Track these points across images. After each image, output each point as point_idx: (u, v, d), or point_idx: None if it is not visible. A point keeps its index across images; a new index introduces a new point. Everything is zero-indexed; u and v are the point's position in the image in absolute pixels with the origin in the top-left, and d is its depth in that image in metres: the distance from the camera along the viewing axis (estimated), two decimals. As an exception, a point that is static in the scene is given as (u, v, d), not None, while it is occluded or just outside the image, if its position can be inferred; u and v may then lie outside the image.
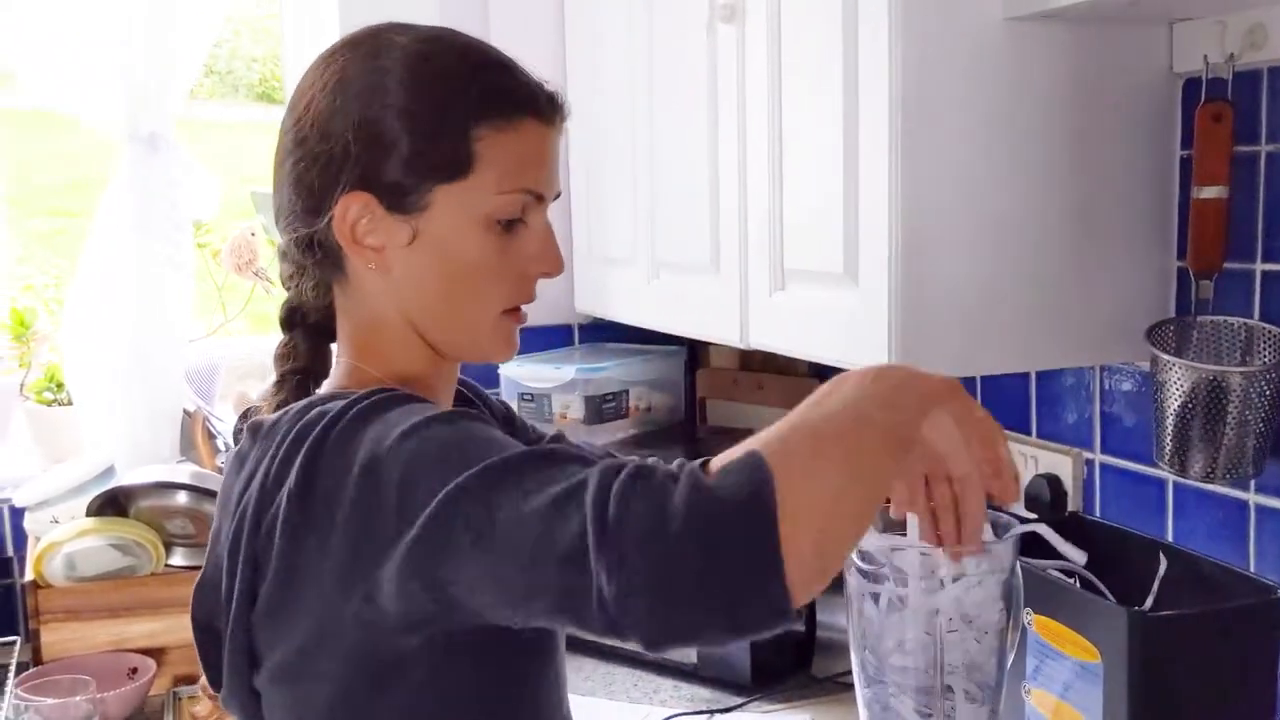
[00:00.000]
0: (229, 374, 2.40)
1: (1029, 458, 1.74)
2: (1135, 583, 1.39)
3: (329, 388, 1.07)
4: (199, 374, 2.36)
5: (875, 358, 1.42)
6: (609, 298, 2.21)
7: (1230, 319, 1.39)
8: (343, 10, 2.24)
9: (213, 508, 1.09)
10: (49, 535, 1.99)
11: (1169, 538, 1.53)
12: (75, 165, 2.71)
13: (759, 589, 0.76)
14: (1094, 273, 1.46)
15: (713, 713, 1.79)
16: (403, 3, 2.20)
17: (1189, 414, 1.34)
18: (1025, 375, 1.76)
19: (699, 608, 0.77)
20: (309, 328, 1.10)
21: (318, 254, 1.03)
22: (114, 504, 2.03)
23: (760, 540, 0.76)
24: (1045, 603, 1.32)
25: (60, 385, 2.32)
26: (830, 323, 1.52)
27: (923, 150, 1.37)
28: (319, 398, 0.99)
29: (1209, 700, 1.24)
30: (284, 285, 1.10)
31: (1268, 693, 1.26)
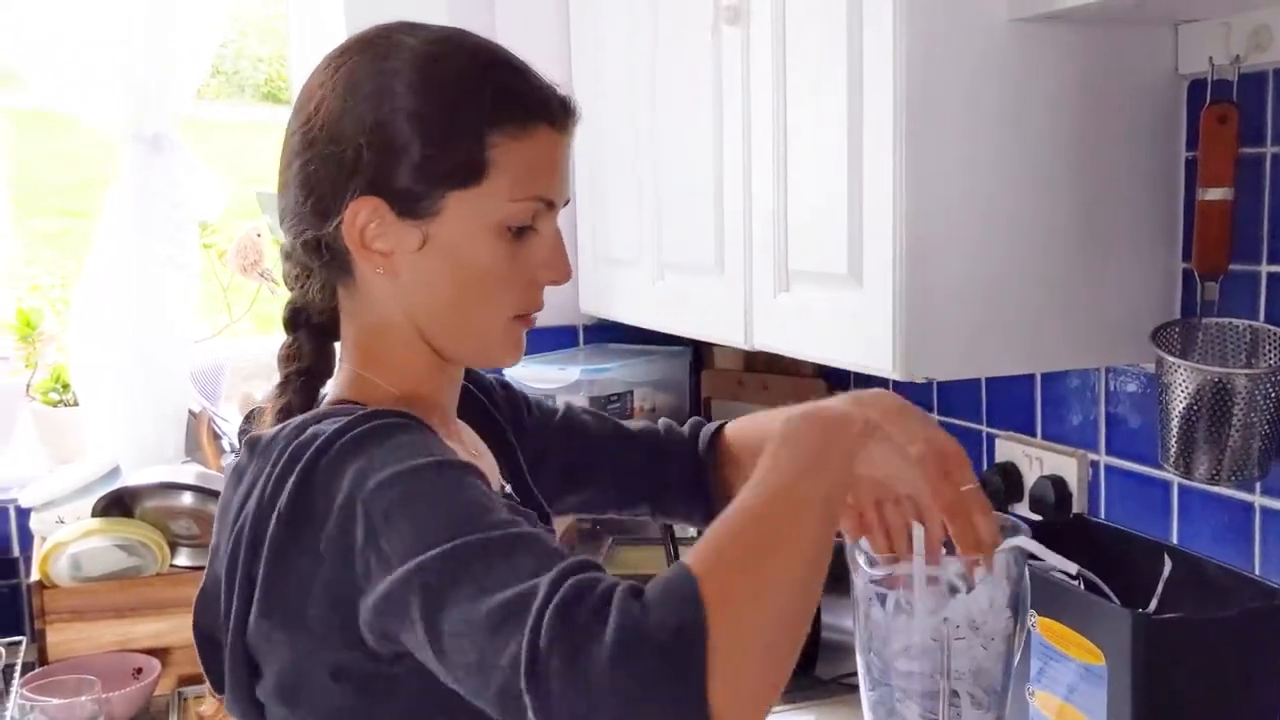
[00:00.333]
0: (234, 375, 2.41)
1: (1034, 459, 1.74)
2: (1140, 585, 1.38)
3: (330, 396, 1.06)
4: (204, 375, 2.36)
5: (879, 359, 1.42)
6: (614, 299, 2.21)
7: (1235, 321, 1.39)
8: (348, 10, 2.24)
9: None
10: (55, 536, 2.00)
11: (1174, 540, 1.53)
12: (81, 165, 2.72)
13: None
14: (1099, 274, 1.46)
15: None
16: (409, 3, 2.23)
17: (1194, 416, 1.34)
18: (1030, 376, 1.76)
19: None
20: (313, 328, 1.08)
21: (325, 256, 1.02)
22: (119, 504, 2.04)
23: (686, 683, 0.74)
24: (1049, 605, 1.31)
25: (66, 386, 2.33)
26: (835, 324, 1.52)
27: (927, 151, 1.37)
28: (314, 416, 0.97)
29: (1213, 703, 1.24)
30: (288, 285, 1.09)
31: (1272, 696, 1.26)
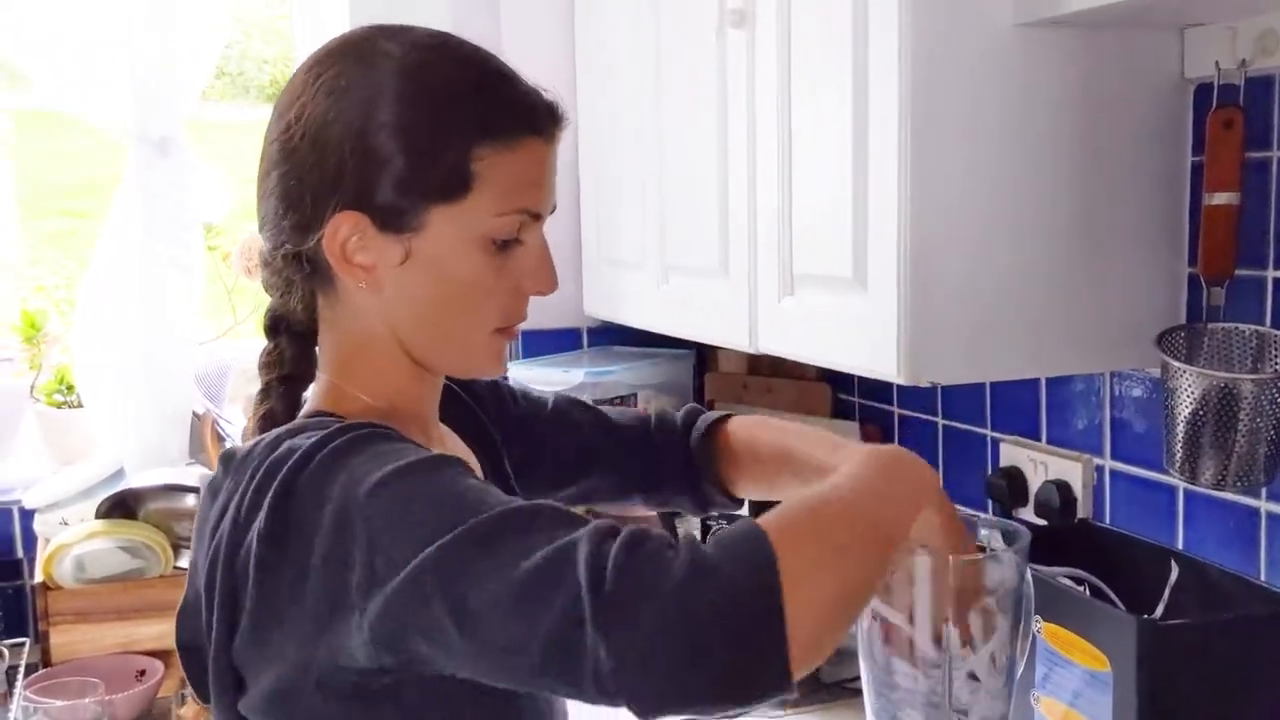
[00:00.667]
0: (239, 377, 2.40)
1: (1038, 463, 1.74)
2: (1145, 590, 1.38)
3: (307, 407, 1.04)
4: (209, 377, 2.36)
5: (884, 363, 1.41)
6: (618, 301, 2.21)
7: (1241, 326, 1.39)
8: (352, 11, 2.24)
9: None
10: (58, 537, 2.00)
11: (1179, 545, 1.52)
12: (86, 165, 2.72)
13: (763, 668, 0.76)
14: (1104, 278, 1.46)
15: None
16: (413, 4, 2.23)
17: (1200, 421, 1.33)
18: (1035, 380, 1.75)
19: (702, 683, 0.76)
20: (295, 334, 1.06)
21: (305, 269, 1.00)
22: (123, 506, 2.04)
23: (767, 622, 0.75)
24: (1054, 610, 1.31)
25: (70, 387, 2.33)
26: (839, 328, 1.51)
27: (932, 155, 1.37)
28: (288, 430, 0.95)
29: (1219, 710, 1.24)
30: (267, 291, 1.07)
31: (1277, 702, 1.26)
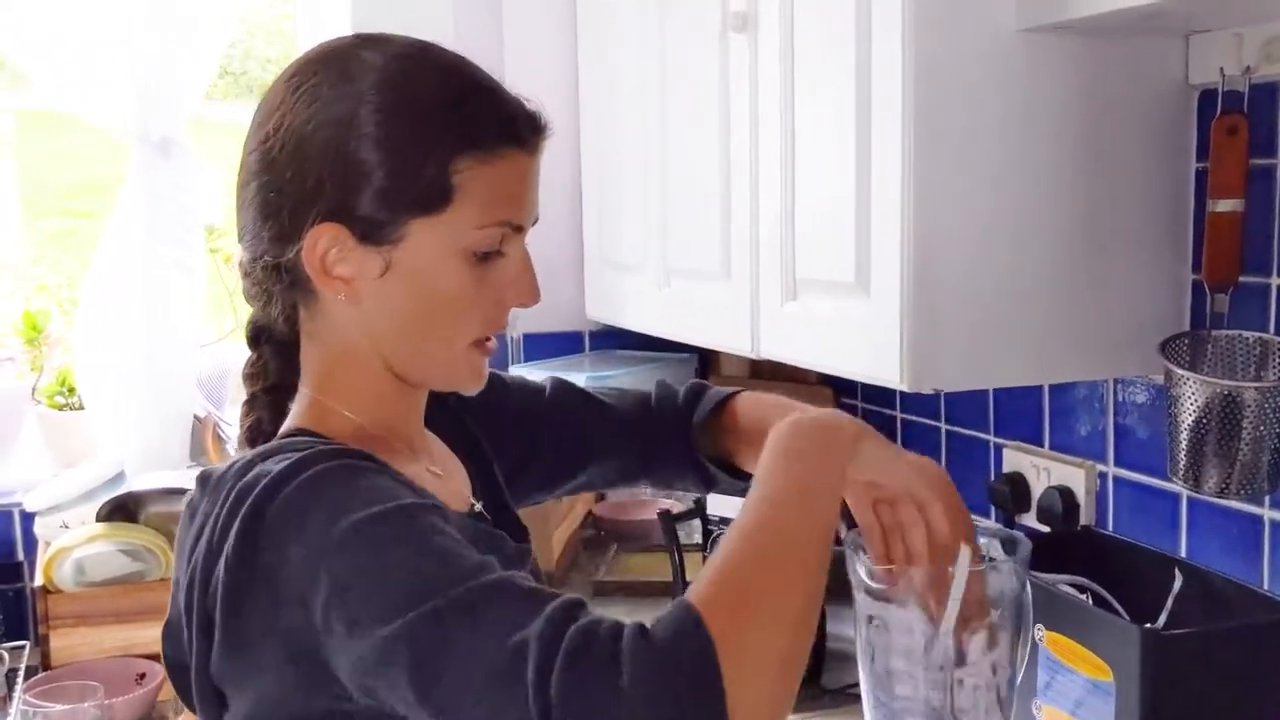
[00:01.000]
0: (240, 379, 2.40)
1: (1041, 469, 1.73)
2: (1148, 597, 1.38)
3: (288, 424, 1.03)
4: (210, 379, 2.36)
5: (887, 369, 1.41)
6: (620, 305, 2.20)
7: (1245, 333, 1.38)
8: (354, 12, 2.24)
9: None
10: (59, 540, 1.99)
11: (1183, 552, 1.52)
12: (91, 165, 2.71)
13: None
14: (1108, 285, 1.45)
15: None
16: (415, 11, 2.22)
17: (1203, 429, 1.33)
18: (1038, 386, 1.75)
19: None
20: (277, 343, 1.06)
21: (285, 280, 0.99)
22: (124, 509, 2.04)
23: (711, 708, 0.75)
24: (1056, 619, 1.30)
25: (72, 389, 2.33)
26: (842, 333, 1.51)
27: (935, 161, 1.36)
28: (261, 453, 0.94)
29: (1222, 718, 1.23)
30: (248, 301, 1.06)
31: (1281, 712, 1.25)
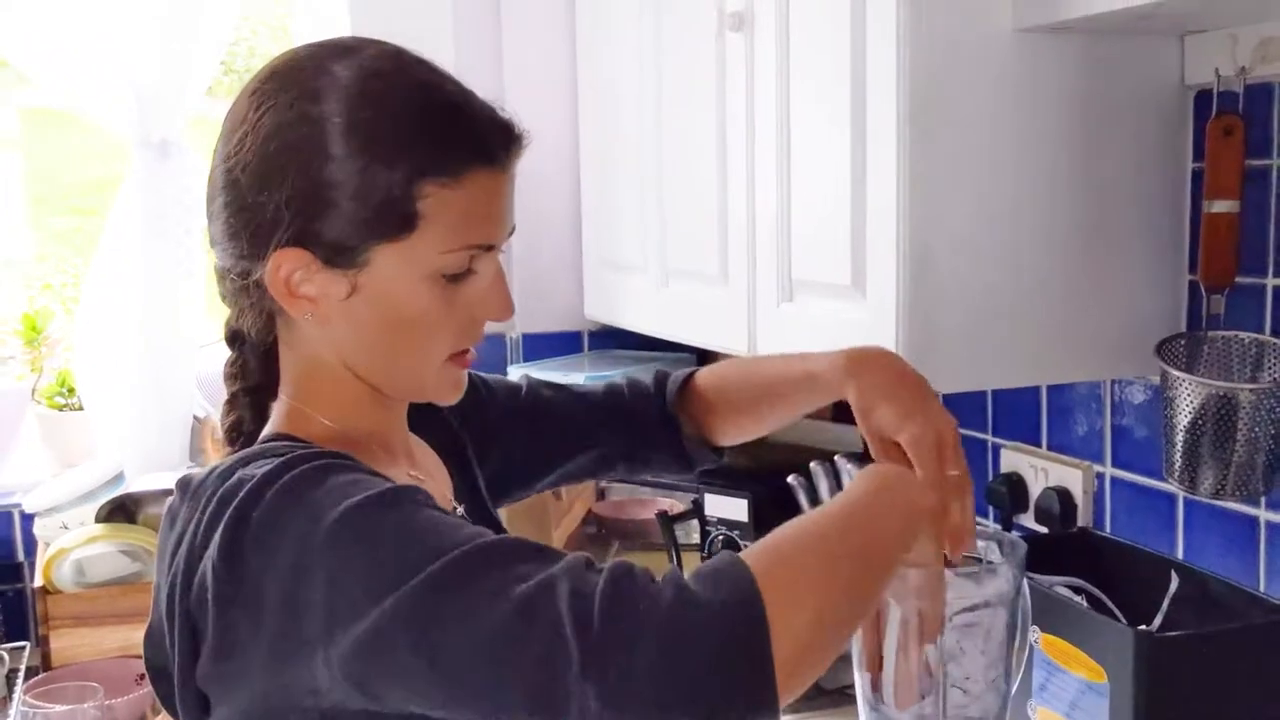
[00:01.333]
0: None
1: (1039, 470, 1.73)
2: (1144, 599, 1.38)
3: (268, 429, 1.02)
4: (210, 380, 2.36)
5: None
6: (618, 305, 2.20)
7: (1241, 334, 1.38)
8: (353, 10, 2.24)
9: None
10: (58, 541, 2.00)
11: (1179, 553, 1.52)
12: (94, 163, 2.72)
13: (753, 702, 0.76)
14: (1104, 286, 1.45)
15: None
16: (413, 12, 2.22)
17: (1199, 430, 1.33)
18: (1036, 386, 1.75)
19: (690, 717, 0.76)
20: (255, 345, 1.04)
21: (254, 296, 0.98)
22: (123, 510, 2.04)
23: (756, 658, 0.76)
24: (1052, 621, 1.30)
25: (71, 390, 2.33)
26: (838, 334, 1.50)
27: (931, 161, 1.36)
28: (242, 458, 0.93)
29: (1217, 721, 1.23)
30: (224, 302, 1.04)
31: (1277, 714, 1.25)
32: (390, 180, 0.92)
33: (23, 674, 1.93)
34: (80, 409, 2.31)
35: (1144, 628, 1.26)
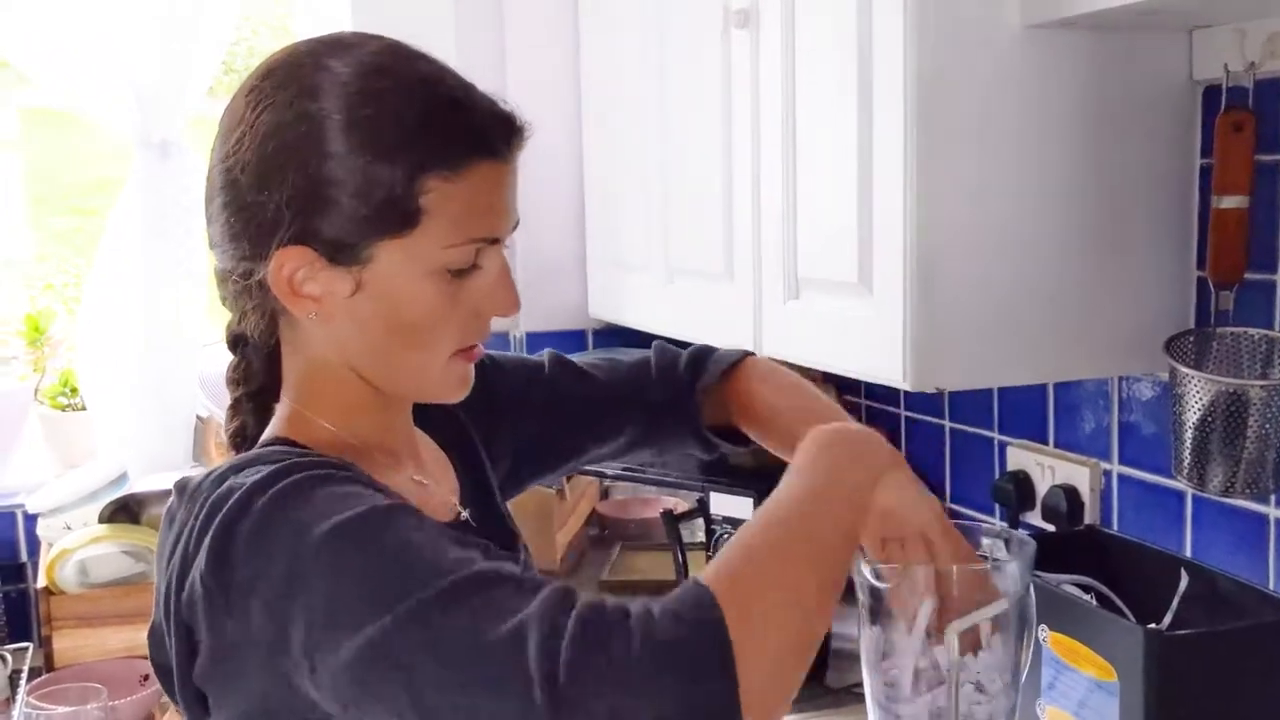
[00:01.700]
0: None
1: (1046, 468, 1.72)
2: (1152, 597, 1.37)
3: (268, 433, 1.01)
4: (212, 379, 2.35)
5: (890, 369, 1.40)
6: (623, 303, 2.20)
7: (1251, 330, 1.37)
8: (355, 9, 2.23)
9: None
10: (62, 542, 1.99)
11: (1188, 551, 1.51)
12: (101, 162, 2.71)
13: None
14: (1112, 282, 1.45)
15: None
16: (415, 4, 2.22)
17: (1208, 427, 1.32)
18: (1043, 384, 1.74)
19: None
20: (257, 348, 1.03)
21: (256, 297, 0.97)
22: (126, 511, 2.04)
23: (721, 690, 0.76)
24: (1061, 619, 1.30)
25: (74, 390, 2.33)
26: (844, 332, 1.50)
27: (938, 157, 1.35)
28: (234, 465, 0.92)
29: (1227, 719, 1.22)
30: (225, 306, 1.03)
31: (1288, 712, 1.25)
32: (392, 176, 0.91)
33: (26, 675, 1.93)
34: (83, 409, 2.30)
35: (1154, 626, 1.25)
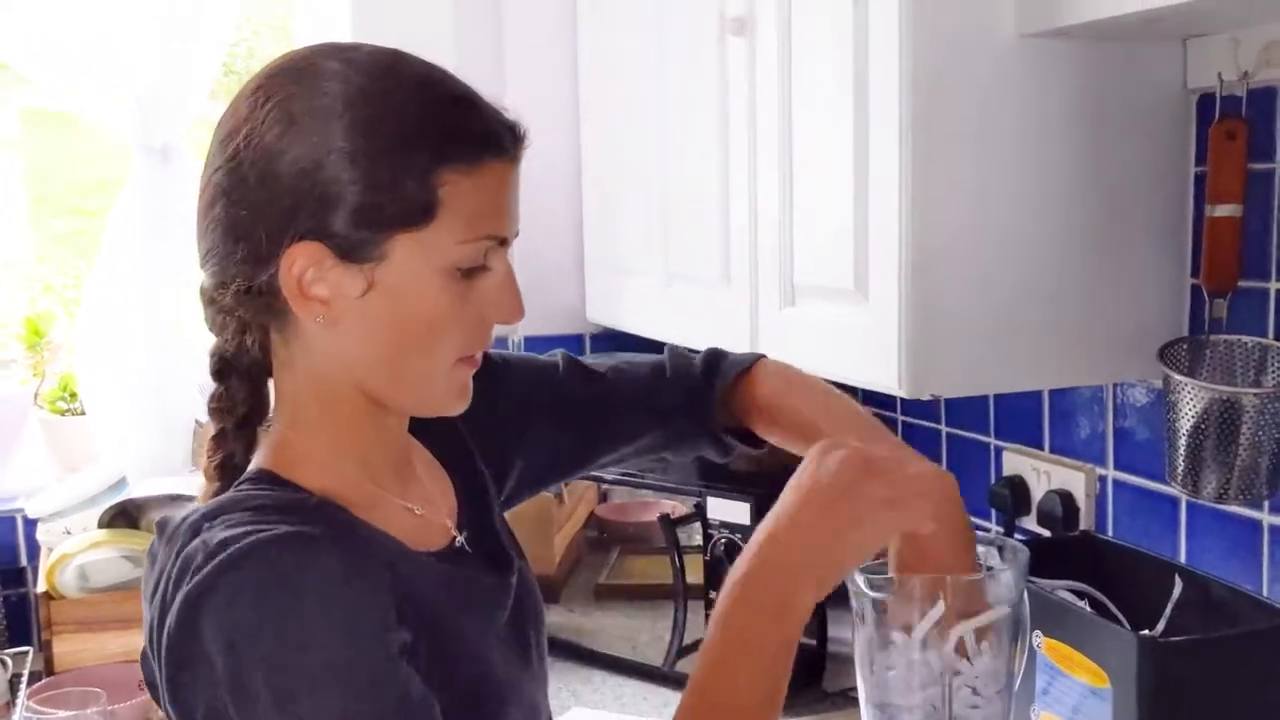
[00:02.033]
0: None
1: (1042, 473, 1.73)
2: (1146, 602, 1.38)
3: (254, 463, 0.99)
4: (212, 385, 2.36)
5: (885, 375, 1.41)
6: (620, 308, 2.20)
7: (1244, 338, 1.38)
8: (355, 11, 2.24)
9: None
10: (61, 546, 1.99)
11: (1182, 557, 1.52)
12: (102, 164, 2.71)
13: None
14: (1107, 290, 1.45)
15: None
16: (415, 5, 2.22)
17: (1201, 434, 1.33)
18: (1039, 390, 1.74)
19: None
20: (245, 373, 0.99)
21: (257, 305, 0.94)
22: (126, 515, 2.04)
23: None
24: (1055, 625, 1.30)
25: (74, 395, 2.33)
26: (841, 339, 1.51)
27: (934, 165, 1.36)
28: (210, 511, 0.91)
29: (1221, 726, 1.23)
30: (211, 330, 1.00)
31: (1280, 718, 1.25)
32: (409, 168, 0.91)
33: (26, 679, 1.93)
34: (83, 414, 2.31)
35: (1148, 632, 1.26)
